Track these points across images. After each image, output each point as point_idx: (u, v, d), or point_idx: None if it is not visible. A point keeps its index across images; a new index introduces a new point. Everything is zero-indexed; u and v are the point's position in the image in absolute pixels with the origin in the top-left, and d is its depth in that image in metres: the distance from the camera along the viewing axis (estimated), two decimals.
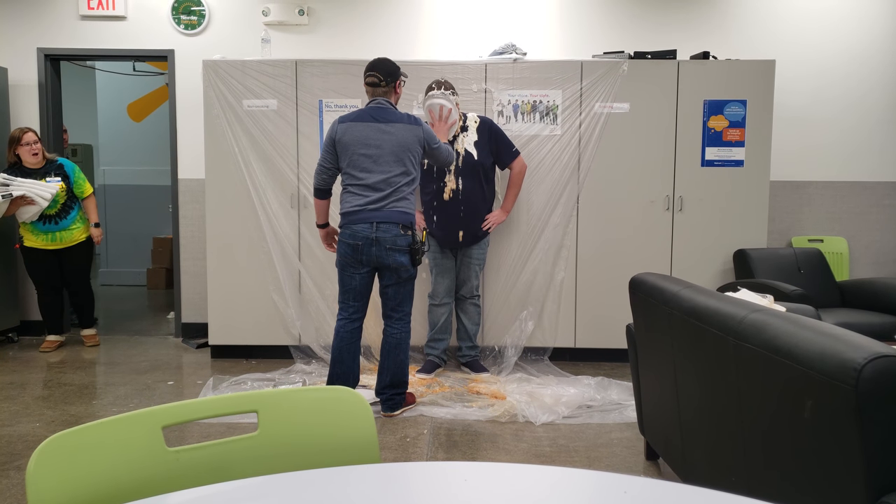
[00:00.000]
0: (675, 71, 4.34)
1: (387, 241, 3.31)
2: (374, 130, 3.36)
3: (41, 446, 0.89)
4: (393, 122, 3.38)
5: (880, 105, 5.05)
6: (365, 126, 3.36)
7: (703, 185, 4.39)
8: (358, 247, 3.32)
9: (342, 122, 3.41)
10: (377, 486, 0.90)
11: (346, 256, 3.37)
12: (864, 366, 1.32)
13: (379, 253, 3.33)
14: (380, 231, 3.31)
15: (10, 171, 4.58)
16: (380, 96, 3.43)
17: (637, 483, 0.90)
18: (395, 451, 3.05)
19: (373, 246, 3.32)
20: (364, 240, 3.32)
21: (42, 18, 5.09)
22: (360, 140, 3.35)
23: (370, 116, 3.38)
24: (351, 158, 3.36)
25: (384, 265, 3.36)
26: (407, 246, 3.36)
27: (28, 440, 3.14)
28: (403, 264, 3.37)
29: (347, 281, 3.41)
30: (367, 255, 3.33)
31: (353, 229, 3.33)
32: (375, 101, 3.43)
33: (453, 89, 3.95)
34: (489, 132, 4.03)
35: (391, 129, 3.36)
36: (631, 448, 3.09)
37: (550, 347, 4.47)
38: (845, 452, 1.37)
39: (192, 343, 4.97)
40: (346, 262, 3.39)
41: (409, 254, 3.37)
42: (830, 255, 4.96)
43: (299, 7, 4.98)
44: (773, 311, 1.75)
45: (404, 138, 3.36)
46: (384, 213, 3.32)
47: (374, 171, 3.33)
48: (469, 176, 4.00)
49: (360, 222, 3.32)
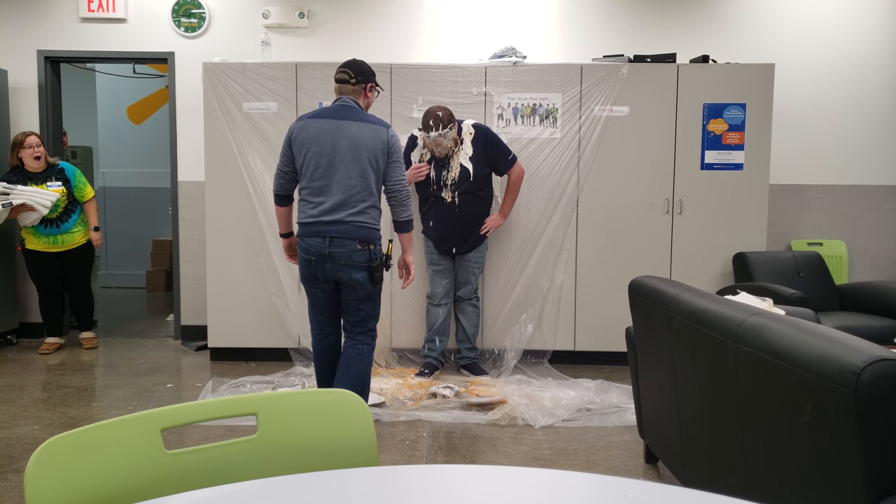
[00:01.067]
0: (675, 74, 4.35)
1: (341, 258, 2.98)
2: (332, 128, 2.99)
3: (40, 449, 0.89)
4: (355, 120, 3.02)
5: (880, 109, 5.05)
6: (323, 123, 3.01)
7: (702, 188, 4.39)
8: (311, 262, 3.02)
9: (299, 120, 3.07)
10: (376, 489, 0.90)
11: (304, 271, 3.07)
12: (863, 369, 1.32)
13: (333, 269, 3.00)
14: (333, 246, 2.97)
15: (11, 174, 4.58)
16: (347, 95, 3.11)
17: (636, 486, 0.90)
18: (394, 453, 3.04)
19: (326, 262, 2.99)
20: (317, 255, 2.99)
21: (42, 21, 5.10)
22: (314, 138, 2.99)
23: (330, 114, 3.04)
24: (305, 159, 3.01)
25: (340, 281, 3.05)
26: (364, 262, 3.01)
27: (27, 442, 3.14)
28: (360, 282, 3.03)
29: (311, 296, 3.16)
30: (321, 270, 3.02)
31: (307, 243, 3.01)
32: (340, 99, 3.10)
33: (452, 123, 3.83)
34: (485, 142, 3.99)
35: (352, 127, 3.00)
36: (630, 451, 3.08)
37: (550, 350, 4.46)
38: (844, 456, 1.37)
39: (191, 345, 4.96)
40: (305, 276, 3.09)
41: (368, 271, 3.03)
42: (830, 259, 4.97)
43: (299, 10, 4.99)
44: (772, 315, 1.75)
45: (367, 139, 3.00)
46: (340, 227, 2.97)
47: (329, 175, 2.98)
48: (466, 191, 3.97)
49: (314, 235, 2.99)
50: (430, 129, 3.80)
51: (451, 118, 3.84)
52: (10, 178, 4.55)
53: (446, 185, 3.97)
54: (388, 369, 4.33)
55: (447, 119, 3.80)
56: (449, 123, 3.81)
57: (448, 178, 3.96)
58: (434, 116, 3.80)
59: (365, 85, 3.13)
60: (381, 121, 3.08)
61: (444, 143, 3.84)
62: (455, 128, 3.88)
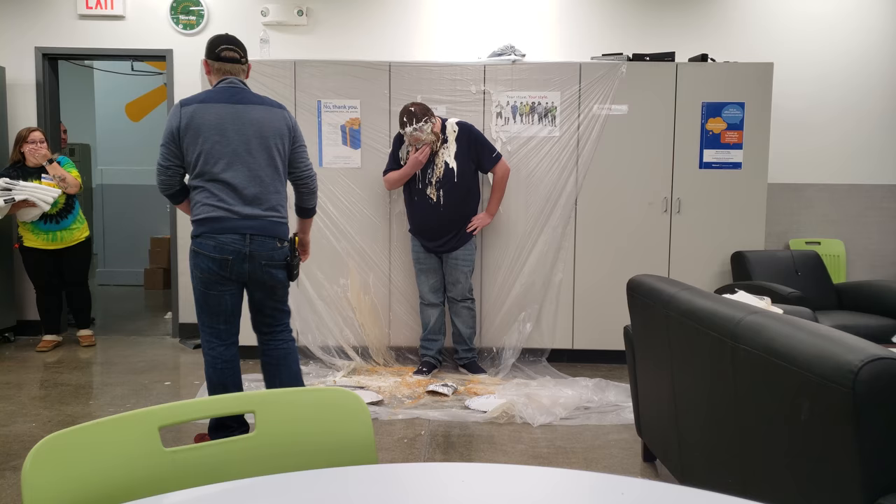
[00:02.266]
0: (674, 73, 4.35)
1: (262, 257, 2.75)
2: (233, 113, 2.70)
3: (37, 446, 0.89)
4: (255, 103, 2.75)
5: (878, 108, 5.06)
6: (220, 108, 2.69)
7: (700, 187, 4.40)
8: (227, 262, 2.72)
9: (186, 105, 2.70)
10: (374, 487, 0.90)
11: (212, 273, 2.74)
12: (860, 368, 1.32)
13: (253, 269, 2.76)
14: (254, 244, 2.73)
15: (11, 168, 4.59)
16: (235, 75, 2.81)
17: (634, 484, 0.90)
18: (392, 451, 3.05)
19: (245, 262, 2.73)
20: (235, 254, 2.71)
21: (40, 18, 5.08)
22: (214, 125, 2.68)
23: (225, 97, 2.72)
24: (204, 148, 2.67)
25: (258, 281, 2.81)
26: (284, 260, 2.84)
27: (24, 440, 3.13)
28: (280, 281, 2.86)
29: (215, 302, 2.78)
30: (237, 271, 2.74)
31: (220, 241, 2.70)
32: (227, 80, 2.78)
33: (427, 116, 3.86)
34: (468, 139, 4.01)
35: (254, 111, 2.73)
36: (628, 449, 3.09)
37: (548, 349, 4.47)
38: (842, 454, 1.37)
39: (189, 343, 4.96)
40: (211, 279, 2.75)
41: (287, 268, 2.87)
42: (828, 258, 4.97)
43: (298, 7, 4.98)
44: (770, 314, 1.75)
45: (272, 124, 2.76)
46: (260, 223, 2.74)
47: (238, 166, 2.70)
48: (450, 188, 3.98)
49: (229, 232, 2.70)
50: (405, 125, 3.87)
51: (426, 112, 3.88)
52: (11, 174, 4.55)
53: (431, 183, 3.98)
54: (387, 367, 4.33)
55: (420, 113, 3.86)
56: (423, 117, 3.86)
57: (433, 175, 3.97)
58: (407, 112, 3.87)
59: (247, 63, 2.87)
60: (278, 103, 2.86)
61: (422, 136, 3.88)
62: (431, 121, 3.91)
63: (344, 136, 4.37)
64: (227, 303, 2.80)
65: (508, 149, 4.34)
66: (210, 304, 2.80)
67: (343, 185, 4.38)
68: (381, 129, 4.36)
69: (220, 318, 2.82)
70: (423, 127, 3.86)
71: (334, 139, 4.37)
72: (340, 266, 4.41)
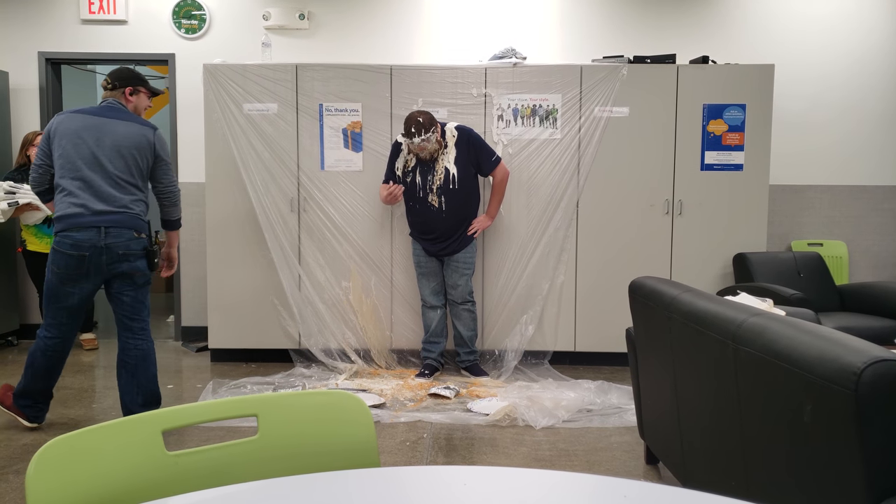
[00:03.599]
0: (675, 75, 4.35)
1: (119, 247, 3.00)
2: (96, 124, 3.04)
3: (41, 450, 0.89)
4: (120, 119, 3.09)
5: (879, 109, 5.06)
6: (86, 118, 3.04)
7: (702, 188, 4.40)
8: (84, 258, 2.95)
9: (60, 114, 3.08)
10: (377, 491, 0.90)
11: (69, 269, 2.97)
12: (863, 370, 1.32)
13: (110, 259, 3.00)
14: (110, 237, 2.97)
15: (16, 172, 4.61)
16: (112, 98, 3.19)
17: (637, 487, 0.90)
18: (394, 455, 3.05)
19: (102, 255, 2.97)
20: (91, 249, 2.95)
21: (43, 22, 5.10)
22: (75, 131, 3.00)
23: (94, 111, 3.09)
24: (65, 150, 2.98)
25: (117, 273, 3.06)
26: (142, 250, 3.09)
27: (27, 444, 3.14)
28: (140, 269, 3.10)
29: (64, 297, 3.03)
30: (95, 265, 2.98)
31: (75, 238, 2.93)
32: (107, 100, 3.18)
33: (434, 126, 3.86)
34: (468, 143, 4.01)
35: (117, 126, 3.06)
36: (631, 452, 3.08)
37: (550, 351, 4.46)
38: (845, 456, 1.37)
39: (191, 346, 4.96)
40: (66, 275, 2.98)
41: (146, 257, 3.12)
42: (830, 259, 4.97)
43: (300, 11, 4.99)
44: (772, 315, 1.75)
45: (131, 138, 3.07)
46: (113, 216, 2.99)
47: (95, 168, 2.99)
48: (451, 193, 3.98)
49: (84, 228, 2.94)
50: (413, 136, 3.84)
51: (432, 121, 3.87)
52: (15, 177, 4.57)
53: (432, 190, 3.98)
54: (388, 370, 4.33)
55: (428, 123, 3.84)
56: (430, 127, 3.84)
57: (434, 182, 3.97)
58: (415, 122, 3.83)
59: (123, 89, 3.19)
60: (147, 122, 3.18)
61: (428, 146, 3.88)
62: (437, 130, 3.89)
63: (345, 140, 4.38)
64: (74, 300, 3.06)
65: (510, 151, 4.35)
66: (59, 298, 3.05)
67: (345, 188, 4.39)
68: (382, 133, 4.37)
69: (64, 312, 3.08)
70: (430, 137, 3.86)
71: (336, 142, 4.38)
72: (342, 269, 4.41)
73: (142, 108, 3.26)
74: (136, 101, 3.24)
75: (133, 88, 3.22)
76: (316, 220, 4.40)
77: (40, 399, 3.25)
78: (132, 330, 3.19)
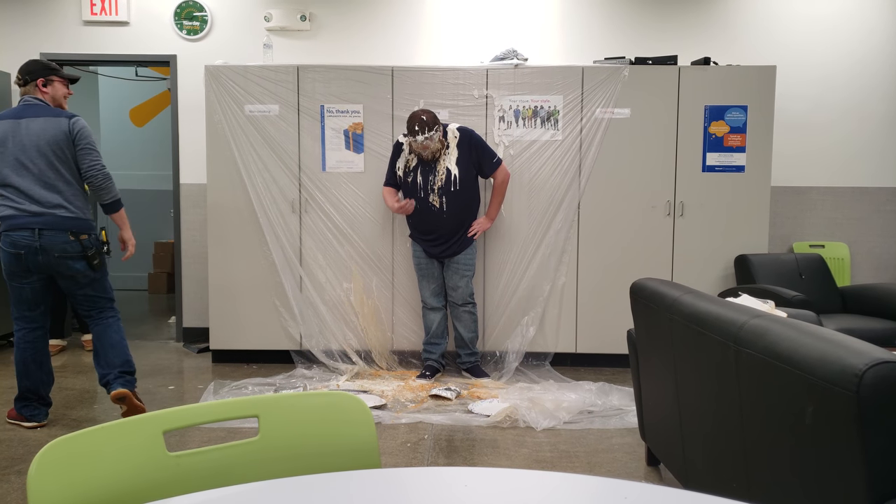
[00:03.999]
0: (676, 76, 4.35)
1: (55, 249, 3.09)
2: (14, 127, 3.11)
3: (42, 451, 0.89)
4: (35, 116, 3.13)
5: (881, 110, 5.05)
6: (5, 123, 3.13)
7: (704, 190, 4.39)
8: (20, 256, 3.10)
9: None
10: (378, 492, 0.90)
11: (10, 266, 3.14)
12: (865, 372, 1.32)
13: (47, 261, 3.11)
14: (44, 239, 3.07)
15: None
16: (27, 94, 3.22)
17: (638, 489, 0.90)
18: (395, 456, 3.04)
19: (38, 255, 3.09)
20: (27, 248, 3.08)
21: (45, 24, 5.11)
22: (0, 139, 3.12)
23: (12, 114, 3.16)
24: None
25: (57, 273, 3.16)
26: (78, 253, 3.14)
27: (29, 445, 3.14)
28: (80, 271, 3.17)
29: (18, 291, 3.19)
30: (33, 263, 3.11)
31: (13, 238, 3.08)
32: (23, 99, 3.21)
33: (437, 125, 3.86)
34: (469, 145, 4.00)
35: (32, 124, 3.11)
36: (632, 453, 3.08)
37: (552, 353, 4.46)
38: (847, 459, 1.37)
39: (193, 348, 4.97)
40: (10, 272, 3.15)
41: (85, 259, 3.17)
42: (832, 261, 4.96)
43: (301, 12, 5.00)
44: (773, 317, 1.75)
45: (47, 133, 3.11)
46: (46, 218, 3.08)
47: (23, 171, 3.08)
48: (452, 194, 3.98)
49: (20, 229, 3.07)
50: (417, 134, 3.83)
51: (435, 120, 3.87)
52: None
53: (434, 191, 3.98)
54: (390, 371, 4.33)
55: (431, 122, 3.84)
56: (434, 126, 3.84)
57: (435, 182, 3.97)
58: (419, 121, 3.83)
59: (35, 81, 3.21)
60: (64, 112, 3.19)
61: (431, 145, 3.88)
62: (440, 129, 3.90)
63: (347, 141, 4.38)
64: (27, 292, 3.19)
65: (511, 153, 4.35)
66: (14, 292, 3.20)
67: (346, 189, 4.39)
68: (384, 134, 4.37)
69: (24, 305, 3.21)
70: (434, 136, 3.86)
71: (337, 144, 4.38)
72: (343, 270, 4.42)
73: (60, 97, 3.29)
74: (52, 92, 3.26)
75: (45, 79, 3.24)
76: (317, 221, 4.40)
77: (33, 398, 3.31)
78: (91, 317, 3.32)
